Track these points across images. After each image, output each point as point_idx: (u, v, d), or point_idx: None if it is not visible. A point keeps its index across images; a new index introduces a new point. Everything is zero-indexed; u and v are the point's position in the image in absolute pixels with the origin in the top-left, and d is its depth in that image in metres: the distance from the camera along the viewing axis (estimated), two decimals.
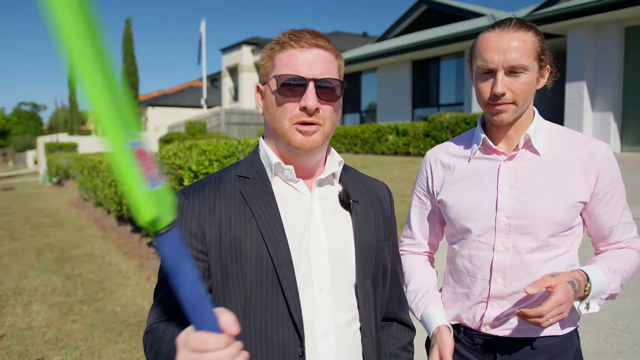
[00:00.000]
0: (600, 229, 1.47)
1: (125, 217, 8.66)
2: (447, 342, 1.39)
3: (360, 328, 1.16)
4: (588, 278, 1.33)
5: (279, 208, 1.12)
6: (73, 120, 36.50)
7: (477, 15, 15.19)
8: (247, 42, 28.87)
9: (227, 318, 0.74)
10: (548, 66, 1.42)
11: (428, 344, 1.65)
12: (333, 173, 1.22)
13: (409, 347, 1.38)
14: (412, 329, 1.41)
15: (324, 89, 1.12)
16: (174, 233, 0.66)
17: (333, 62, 1.16)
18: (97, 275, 6.07)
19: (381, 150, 13.42)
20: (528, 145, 1.44)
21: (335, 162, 1.22)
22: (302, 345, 1.07)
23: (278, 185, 1.16)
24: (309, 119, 1.11)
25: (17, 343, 4.11)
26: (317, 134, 1.12)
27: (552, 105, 13.46)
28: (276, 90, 1.12)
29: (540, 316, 1.24)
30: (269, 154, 1.17)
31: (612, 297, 1.40)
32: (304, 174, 1.19)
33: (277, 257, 1.07)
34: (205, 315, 0.70)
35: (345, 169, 1.28)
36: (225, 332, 0.73)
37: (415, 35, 16.69)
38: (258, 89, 1.21)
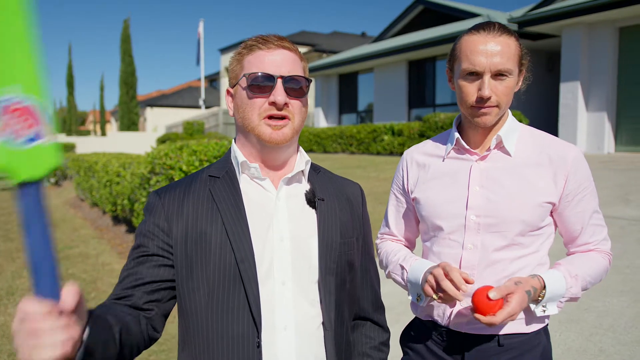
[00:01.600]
0: (570, 231, 1.49)
1: (121, 218, 8.68)
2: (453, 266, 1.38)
3: (322, 322, 1.20)
4: (545, 286, 1.37)
5: (245, 205, 1.18)
6: (71, 120, 36.51)
7: (473, 15, 15.21)
8: None
9: (69, 290, 0.70)
10: (524, 70, 1.46)
11: (403, 340, 1.67)
12: (302, 171, 1.26)
13: (382, 347, 1.40)
14: (386, 330, 1.44)
15: (291, 85, 1.18)
16: (35, 189, 0.66)
17: (298, 62, 1.23)
18: (90, 275, 6.10)
19: (377, 151, 13.44)
20: (500, 146, 1.47)
21: (302, 161, 1.27)
22: (259, 337, 1.12)
23: (245, 184, 1.22)
24: (278, 113, 1.17)
25: (7, 342, 4.13)
26: (287, 128, 1.18)
27: (547, 106, 13.49)
28: (246, 87, 1.18)
29: (493, 324, 1.30)
30: (237, 154, 1.23)
31: (573, 300, 1.44)
32: (272, 172, 1.24)
33: (239, 251, 1.12)
34: (46, 279, 0.67)
35: (317, 169, 1.33)
36: (63, 304, 0.69)
37: (411, 35, 16.71)
38: (228, 92, 1.27)
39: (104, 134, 33.99)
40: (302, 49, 29.07)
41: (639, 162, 8.65)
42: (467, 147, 1.48)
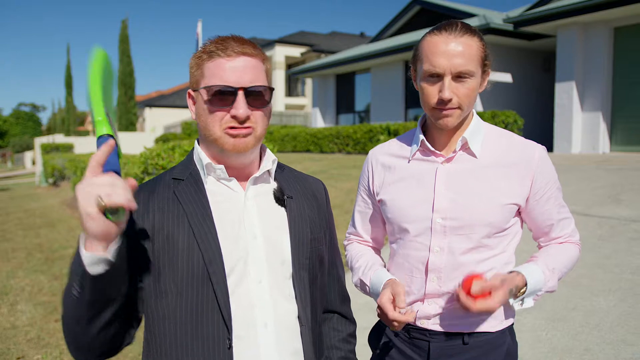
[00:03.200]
0: (540, 227, 1.52)
1: None
2: (401, 287, 1.42)
3: (298, 317, 1.22)
4: (526, 283, 1.37)
5: (213, 206, 1.18)
6: (70, 121, 36.54)
7: (469, 15, 15.22)
8: None
9: (129, 180, 0.96)
10: (489, 71, 1.46)
11: (371, 337, 1.69)
12: (268, 171, 1.27)
13: (350, 339, 1.42)
14: (353, 322, 1.46)
15: (253, 96, 1.16)
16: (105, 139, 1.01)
17: (260, 68, 1.19)
18: None
19: None
20: (465, 147, 1.46)
21: (269, 160, 1.28)
22: (230, 338, 1.12)
23: (212, 185, 1.22)
24: (240, 125, 1.16)
25: (0, 342, 4.16)
26: (249, 137, 1.18)
27: (542, 106, 13.50)
28: (207, 100, 1.16)
29: (468, 308, 1.29)
30: (201, 156, 1.22)
31: (549, 292, 1.45)
32: (238, 173, 1.24)
33: (207, 253, 1.12)
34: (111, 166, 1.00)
35: (281, 167, 1.34)
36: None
37: (408, 35, 16.72)
38: (189, 95, 1.25)
39: None
40: (301, 49, 29.10)
41: (632, 162, 8.66)
42: (433, 149, 1.48)
